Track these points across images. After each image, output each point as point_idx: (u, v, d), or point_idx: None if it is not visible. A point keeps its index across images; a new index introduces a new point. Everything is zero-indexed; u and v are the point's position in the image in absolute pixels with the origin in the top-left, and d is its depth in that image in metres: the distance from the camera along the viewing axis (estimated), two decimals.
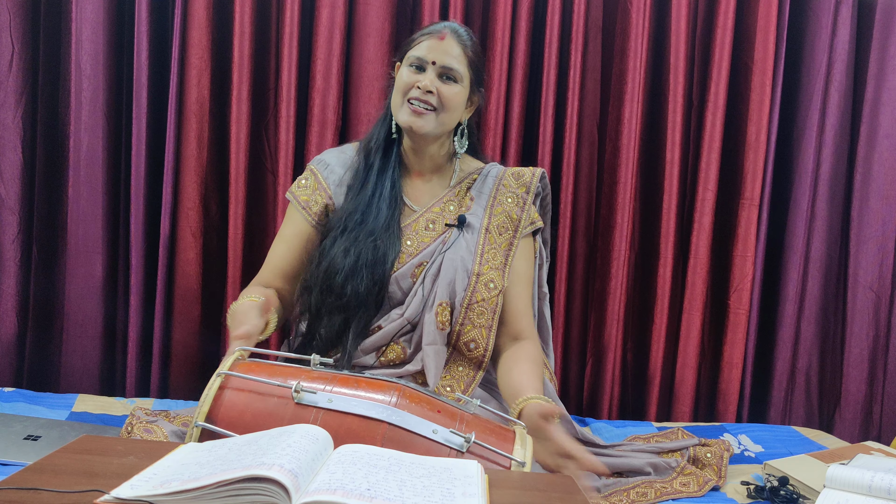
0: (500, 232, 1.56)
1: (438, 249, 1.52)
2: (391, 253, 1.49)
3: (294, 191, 1.60)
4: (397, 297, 1.51)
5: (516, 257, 1.56)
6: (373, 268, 1.47)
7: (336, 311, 1.47)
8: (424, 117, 1.49)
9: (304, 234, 1.57)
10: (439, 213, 1.57)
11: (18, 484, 0.78)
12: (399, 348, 1.50)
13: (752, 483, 1.54)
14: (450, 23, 1.56)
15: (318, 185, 1.59)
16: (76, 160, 1.94)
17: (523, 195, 1.60)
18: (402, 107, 1.51)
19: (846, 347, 2.16)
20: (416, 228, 1.55)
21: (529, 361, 1.47)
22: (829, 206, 2.13)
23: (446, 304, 1.48)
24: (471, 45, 1.54)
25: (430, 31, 1.52)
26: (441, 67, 1.49)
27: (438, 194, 1.60)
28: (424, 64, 1.50)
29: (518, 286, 1.56)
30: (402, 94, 1.51)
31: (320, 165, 1.62)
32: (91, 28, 1.92)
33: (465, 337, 1.49)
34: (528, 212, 1.59)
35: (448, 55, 1.50)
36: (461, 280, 1.49)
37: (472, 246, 1.53)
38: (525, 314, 1.56)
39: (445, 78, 1.50)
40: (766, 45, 2.06)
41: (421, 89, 1.48)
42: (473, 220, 1.55)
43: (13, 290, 1.96)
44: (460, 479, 0.88)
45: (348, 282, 1.45)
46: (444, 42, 1.50)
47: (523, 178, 1.62)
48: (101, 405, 1.76)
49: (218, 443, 0.92)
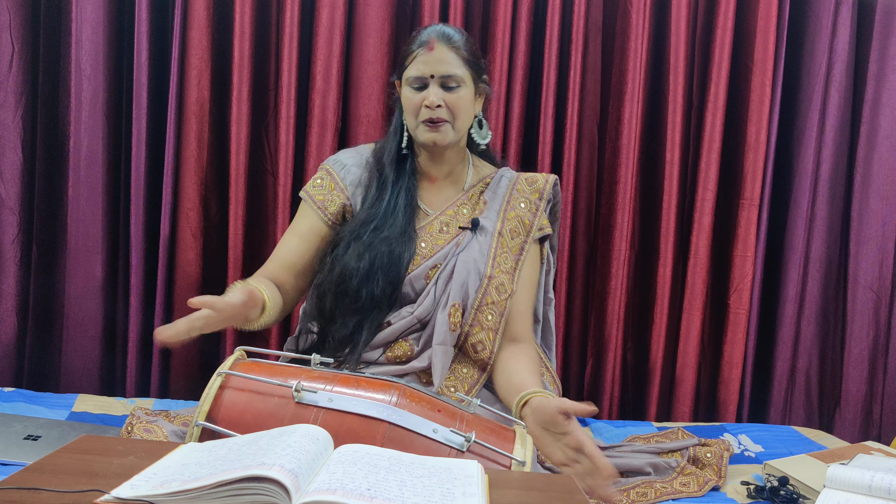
0: (513, 236, 1.57)
1: (452, 252, 1.53)
2: (406, 255, 1.50)
3: (309, 190, 1.60)
4: (409, 297, 1.52)
5: (525, 262, 1.57)
6: (388, 270, 1.48)
7: (350, 314, 1.48)
8: (442, 131, 1.51)
9: (319, 232, 1.57)
10: (453, 216, 1.59)
11: (18, 484, 0.78)
12: (407, 345, 1.51)
13: (752, 483, 1.54)
14: (435, 27, 1.54)
15: (336, 185, 1.59)
16: (76, 160, 1.94)
17: (536, 201, 1.61)
18: (417, 128, 1.53)
19: (846, 347, 2.16)
20: (430, 231, 1.56)
21: (528, 361, 1.47)
22: (829, 206, 2.13)
23: (459, 306, 1.49)
24: (462, 42, 1.53)
25: (419, 44, 1.51)
26: (440, 78, 1.49)
27: (452, 198, 1.61)
28: (424, 81, 1.50)
29: (521, 289, 1.56)
30: (413, 116, 1.52)
31: (337, 165, 1.62)
32: (91, 28, 1.92)
33: (473, 339, 1.49)
34: (540, 218, 1.60)
35: (443, 63, 1.49)
36: (473, 282, 1.50)
37: (484, 249, 1.53)
38: (525, 318, 1.57)
39: (448, 87, 1.50)
40: (766, 45, 2.06)
41: (430, 107, 1.49)
42: (487, 223, 1.56)
43: (13, 290, 1.96)
44: (460, 478, 0.88)
45: (363, 285, 1.46)
46: (435, 52, 1.49)
47: (536, 184, 1.63)
48: (101, 405, 1.76)
49: (218, 443, 0.92)
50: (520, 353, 1.49)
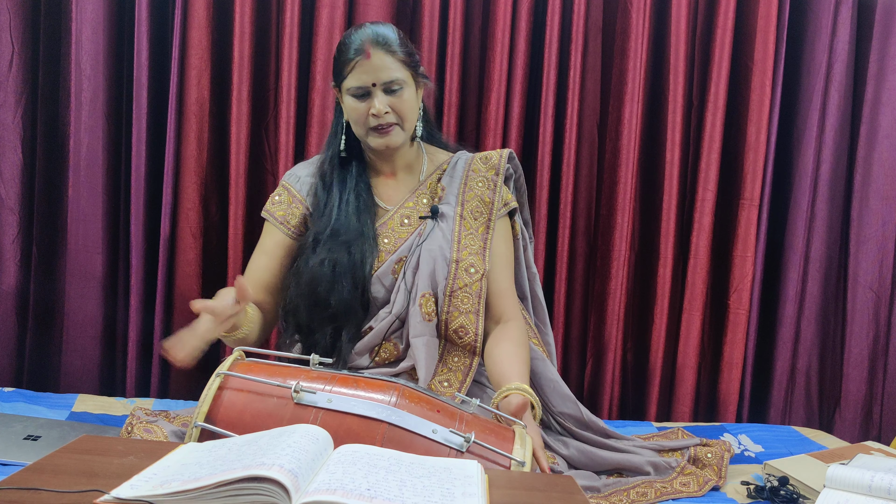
0: (475, 217, 1.58)
1: (415, 242, 1.54)
2: (369, 256, 1.51)
3: (269, 208, 1.62)
4: (382, 295, 1.53)
5: (494, 240, 1.57)
6: (352, 273, 1.49)
7: (326, 322, 1.49)
8: (392, 134, 1.52)
9: (286, 246, 1.58)
10: (413, 207, 1.60)
11: (18, 484, 0.78)
12: (391, 346, 1.52)
13: (752, 483, 1.54)
14: (366, 31, 1.50)
15: (293, 198, 1.61)
16: (76, 160, 1.94)
17: (493, 178, 1.61)
18: (367, 136, 1.53)
19: (846, 347, 2.16)
20: (391, 226, 1.57)
21: (512, 343, 1.48)
22: (829, 206, 2.13)
23: (430, 295, 1.50)
24: (396, 43, 1.50)
25: (355, 53, 1.48)
26: (382, 84, 1.48)
27: (410, 190, 1.61)
28: (366, 89, 1.49)
29: (496, 268, 1.57)
30: (361, 125, 1.52)
31: (291, 178, 1.64)
32: (91, 28, 1.92)
33: (454, 325, 1.50)
34: (500, 193, 1.60)
35: (383, 70, 1.48)
36: (441, 269, 1.51)
37: (448, 234, 1.54)
38: (505, 295, 1.57)
39: (391, 91, 1.49)
40: (766, 45, 2.06)
41: (377, 115, 1.49)
42: (447, 208, 1.57)
43: (13, 290, 1.96)
44: (460, 478, 0.88)
45: (331, 291, 1.47)
46: (373, 59, 1.47)
47: (491, 160, 1.63)
48: (101, 405, 1.76)
49: (218, 443, 0.92)
50: (503, 338, 1.50)
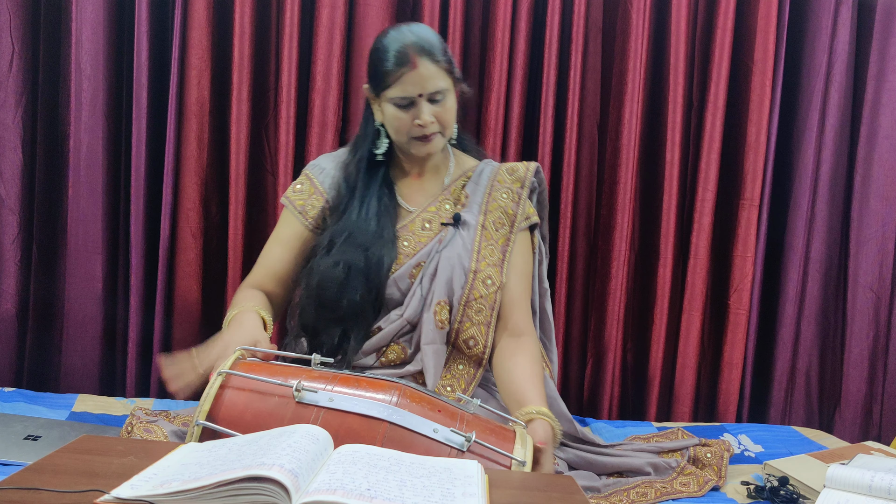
0: (497, 228, 1.56)
1: (435, 248, 1.52)
2: (387, 258, 1.49)
3: (290, 195, 1.60)
4: (396, 298, 1.51)
5: (513, 253, 1.56)
6: (367, 275, 1.46)
7: (333, 324, 1.47)
8: (434, 142, 1.50)
9: (302, 237, 1.56)
10: (435, 212, 1.57)
11: (18, 484, 0.78)
12: (399, 348, 1.50)
13: (752, 483, 1.54)
14: (410, 38, 1.46)
15: (315, 189, 1.58)
16: (76, 160, 1.94)
17: (518, 190, 1.59)
18: (409, 144, 1.51)
19: (846, 347, 2.16)
20: (412, 229, 1.55)
21: (528, 358, 1.45)
22: (829, 206, 2.13)
23: (444, 303, 1.48)
24: (440, 51, 1.47)
25: (399, 62, 1.44)
26: (429, 95, 1.46)
27: (434, 193, 1.59)
28: (412, 100, 1.46)
29: (514, 281, 1.55)
30: (404, 134, 1.49)
31: (315, 170, 1.61)
32: (91, 28, 1.92)
33: (465, 335, 1.49)
34: (524, 207, 1.59)
35: (429, 80, 1.45)
36: (458, 278, 1.49)
37: (468, 243, 1.52)
38: (520, 309, 1.54)
39: (435, 100, 1.47)
40: (766, 45, 2.06)
41: (423, 126, 1.47)
42: (469, 217, 1.55)
43: (13, 290, 1.96)
44: (460, 478, 0.88)
45: (343, 293, 1.45)
46: (420, 69, 1.44)
47: (517, 172, 1.61)
48: (101, 405, 1.76)
49: (218, 443, 0.92)
50: (518, 351, 1.47)
